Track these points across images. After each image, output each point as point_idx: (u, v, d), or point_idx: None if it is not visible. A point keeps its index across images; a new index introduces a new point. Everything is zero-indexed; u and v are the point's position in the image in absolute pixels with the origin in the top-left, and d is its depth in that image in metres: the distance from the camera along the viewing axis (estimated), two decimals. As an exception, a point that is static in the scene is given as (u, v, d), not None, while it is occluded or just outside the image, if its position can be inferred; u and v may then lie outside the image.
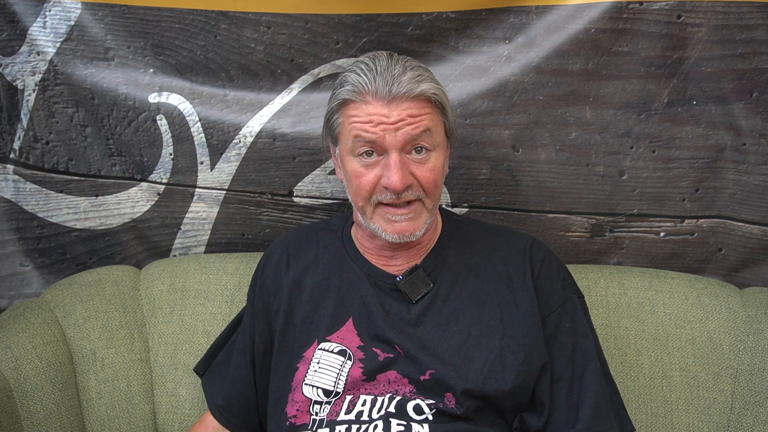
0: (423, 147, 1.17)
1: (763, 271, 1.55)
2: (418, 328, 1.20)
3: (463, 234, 1.31)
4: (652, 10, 1.42)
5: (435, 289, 1.23)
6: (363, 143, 1.16)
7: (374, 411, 1.14)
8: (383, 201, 1.18)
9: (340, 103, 1.19)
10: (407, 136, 1.14)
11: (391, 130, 1.14)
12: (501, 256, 1.26)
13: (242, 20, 1.49)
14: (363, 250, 1.29)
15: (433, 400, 1.14)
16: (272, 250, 1.35)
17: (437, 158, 1.19)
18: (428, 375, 1.15)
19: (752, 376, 1.35)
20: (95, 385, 1.38)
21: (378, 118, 1.14)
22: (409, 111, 1.15)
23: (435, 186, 1.19)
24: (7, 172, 1.58)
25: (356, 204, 1.22)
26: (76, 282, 1.51)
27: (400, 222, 1.18)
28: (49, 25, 1.51)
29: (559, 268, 1.28)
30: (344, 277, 1.27)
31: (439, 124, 1.20)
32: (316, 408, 1.17)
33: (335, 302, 1.24)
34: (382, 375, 1.17)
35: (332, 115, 1.22)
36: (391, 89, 1.14)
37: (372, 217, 1.20)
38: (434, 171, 1.18)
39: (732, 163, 1.50)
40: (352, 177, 1.20)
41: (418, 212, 1.19)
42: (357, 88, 1.16)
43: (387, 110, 1.14)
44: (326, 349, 1.20)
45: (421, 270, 1.24)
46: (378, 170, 1.16)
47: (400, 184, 1.14)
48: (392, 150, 1.15)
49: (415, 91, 1.15)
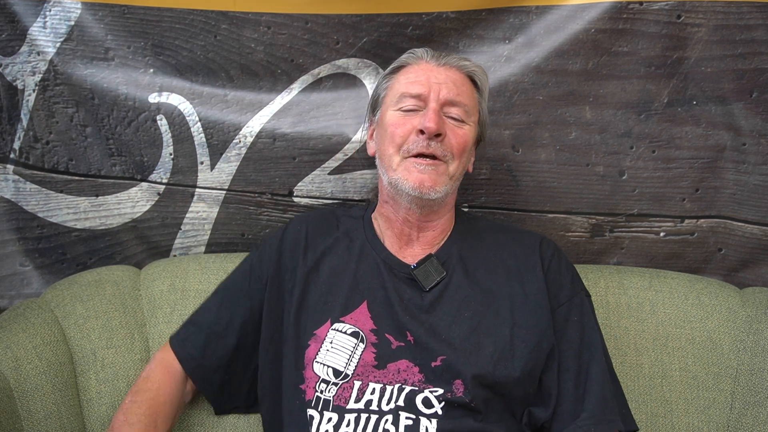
0: (459, 117, 1.27)
1: (763, 271, 1.55)
2: (430, 315, 1.22)
3: (474, 229, 1.35)
4: (652, 10, 1.42)
5: (448, 278, 1.26)
6: (409, 97, 1.27)
7: (383, 402, 1.16)
8: (412, 150, 1.24)
9: (394, 68, 1.34)
10: (449, 95, 1.26)
11: (435, 86, 1.26)
12: (510, 251, 1.30)
13: (242, 20, 1.49)
14: (383, 232, 1.33)
15: (442, 389, 1.15)
16: (291, 228, 1.38)
17: (469, 131, 1.29)
18: (439, 361, 1.17)
19: (752, 376, 1.35)
20: (95, 385, 1.38)
21: (426, 76, 1.28)
22: (453, 78, 1.28)
23: (462, 150, 1.27)
24: (7, 172, 1.58)
25: (386, 154, 1.28)
26: (76, 282, 1.51)
27: (423, 172, 1.23)
28: (49, 25, 1.51)
29: (568, 265, 1.31)
30: (362, 261, 1.30)
31: (476, 107, 1.31)
32: (322, 386, 1.19)
33: (351, 285, 1.27)
34: (393, 364, 1.19)
35: (381, 82, 1.35)
36: (441, 58, 1.31)
37: (397, 169, 1.26)
38: (464, 137, 1.27)
39: (732, 163, 1.50)
40: (388, 125, 1.28)
41: (441, 171, 1.25)
42: (413, 54, 1.33)
43: (437, 70, 1.29)
44: (339, 330, 1.22)
45: (435, 258, 1.28)
46: (416, 120, 1.25)
47: (435, 124, 1.22)
48: (432, 101, 1.25)
49: (461, 63, 1.31)
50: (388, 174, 1.27)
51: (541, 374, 1.20)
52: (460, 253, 1.30)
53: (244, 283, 1.35)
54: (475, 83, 1.32)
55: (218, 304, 1.35)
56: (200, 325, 1.34)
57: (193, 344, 1.32)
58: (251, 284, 1.34)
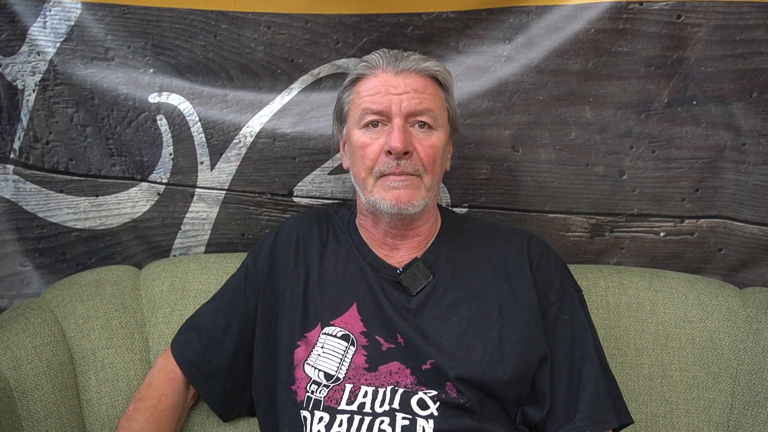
0: (425, 123, 1.24)
1: (763, 271, 1.55)
2: (418, 318, 1.22)
3: (461, 230, 1.34)
4: (652, 10, 1.42)
5: (434, 281, 1.26)
6: (371, 114, 1.23)
7: (377, 404, 1.15)
8: (384, 171, 1.22)
9: (352, 80, 1.29)
10: (411, 107, 1.22)
11: (396, 98, 1.22)
12: (498, 251, 1.29)
13: (242, 20, 1.49)
14: (367, 238, 1.32)
15: (435, 391, 1.15)
16: (282, 231, 1.38)
17: (438, 138, 1.25)
18: (429, 364, 1.17)
19: (752, 376, 1.35)
20: (95, 385, 1.38)
21: (386, 88, 1.23)
22: (414, 85, 1.23)
23: (433, 162, 1.24)
24: (7, 172, 1.58)
25: (359, 177, 1.26)
26: (76, 282, 1.51)
27: (398, 189, 1.22)
28: (49, 25, 1.51)
29: (557, 262, 1.30)
30: (349, 264, 1.30)
31: (443, 107, 1.28)
32: (312, 387, 1.19)
33: (340, 288, 1.27)
34: (384, 366, 1.19)
35: (342, 94, 1.31)
36: (398, 63, 1.24)
37: (372, 190, 1.24)
38: (434, 148, 1.24)
39: (732, 163, 1.50)
40: (357, 148, 1.25)
41: (415, 185, 1.23)
42: (369, 64, 1.27)
43: (395, 80, 1.23)
44: (330, 334, 1.22)
45: (421, 262, 1.27)
46: (382, 139, 1.22)
47: (401, 144, 1.19)
48: (396, 117, 1.22)
49: (421, 66, 1.25)
50: (365, 195, 1.26)
51: (534, 375, 1.19)
52: (447, 255, 1.29)
53: (240, 288, 1.35)
54: (439, 82, 1.27)
55: (216, 310, 1.36)
56: (199, 331, 1.34)
57: (192, 350, 1.33)
58: (247, 289, 1.34)
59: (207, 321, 1.35)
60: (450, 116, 1.30)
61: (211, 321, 1.34)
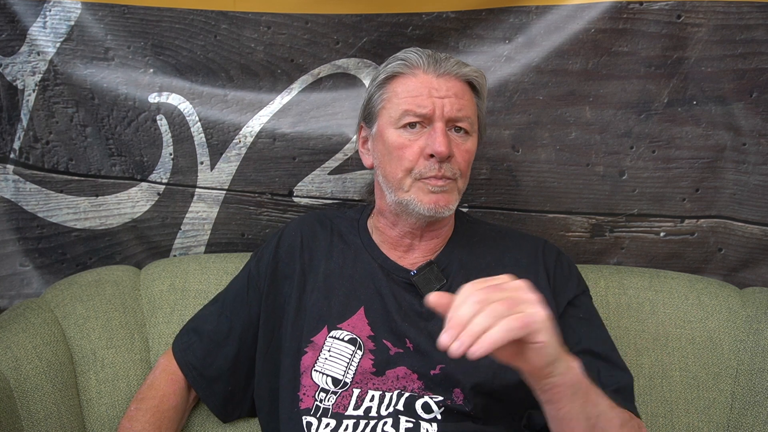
0: (463, 128, 1.23)
1: (763, 271, 1.55)
2: (429, 323, 1.21)
3: (475, 234, 1.33)
4: (652, 10, 1.42)
5: (448, 285, 1.24)
6: (412, 115, 1.20)
7: (383, 407, 1.15)
8: (425, 174, 1.20)
9: (387, 77, 1.25)
10: (452, 112, 1.20)
11: (439, 102, 1.20)
12: (512, 257, 1.28)
13: (242, 20, 1.49)
14: (380, 241, 1.31)
15: (442, 397, 1.15)
16: (286, 234, 1.37)
17: (473, 143, 1.25)
18: (438, 369, 1.16)
19: (752, 376, 1.35)
20: (95, 385, 1.38)
21: (428, 90, 1.20)
22: (455, 89, 1.22)
23: (468, 167, 1.25)
24: (7, 172, 1.58)
25: (395, 177, 1.23)
26: (76, 282, 1.51)
27: (437, 193, 1.21)
28: (49, 25, 1.51)
29: (571, 266, 1.30)
30: (358, 267, 1.28)
31: (477, 113, 1.27)
32: (321, 395, 1.18)
33: (347, 291, 1.26)
34: (392, 371, 1.18)
35: (375, 92, 1.27)
36: (439, 66, 1.22)
37: (409, 190, 1.22)
38: (469, 153, 1.24)
39: (732, 163, 1.50)
40: (394, 148, 1.22)
41: (452, 188, 1.23)
42: (407, 63, 1.23)
43: (437, 83, 1.21)
44: (337, 337, 1.21)
45: (436, 265, 1.26)
46: (422, 141, 1.20)
47: (446, 149, 1.17)
48: (438, 120, 1.20)
49: (462, 71, 1.23)
50: (397, 195, 1.23)
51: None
52: (461, 260, 1.28)
53: (243, 292, 1.35)
54: (475, 88, 1.27)
55: (218, 313, 1.35)
56: (201, 334, 1.34)
57: (194, 353, 1.32)
58: (249, 293, 1.33)
59: (209, 324, 1.34)
60: (480, 123, 1.29)
61: (213, 324, 1.34)
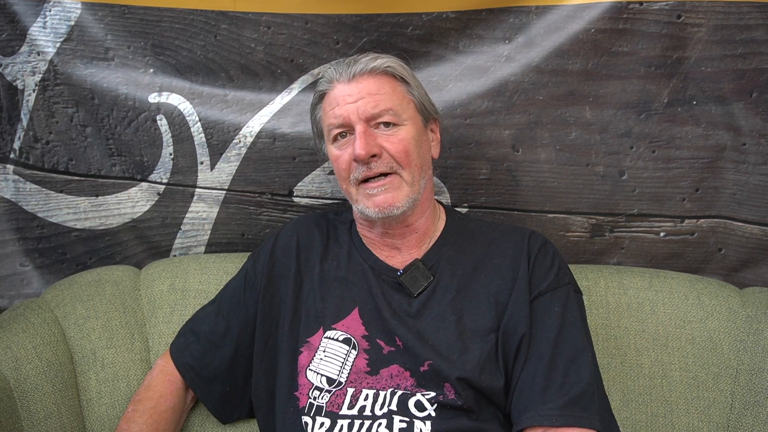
0: (389, 122, 1.24)
1: (763, 271, 1.55)
2: (418, 321, 1.22)
3: (464, 230, 1.34)
4: (652, 10, 1.42)
5: (435, 282, 1.25)
6: (335, 128, 1.25)
7: (377, 407, 1.16)
8: (359, 177, 1.23)
9: (318, 96, 1.30)
10: (367, 111, 1.22)
11: (352, 107, 1.23)
12: (499, 249, 1.28)
13: (242, 20, 1.49)
14: (368, 242, 1.33)
15: (434, 392, 1.15)
16: (282, 236, 1.38)
17: (407, 131, 1.25)
18: (427, 366, 1.17)
19: (752, 376, 1.35)
20: (95, 385, 1.38)
21: (343, 99, 1.24)
22: (368, 89, 1.23)
23: (407, 156, 1.23)
24: (7, 172, 1.58)
25: (344, 189, 1.28)
26: (76, 282, 1.51)
27: (378, 195, 1.23)
28: (49, 25, 1.51)
29: (555, 257, 1.27)
30: (351, 268, 1.30)
31: (405, 100, 1.27)
32: (315, 393, 1.19)
33: (342, 292, 1.27)
34: (385, 370, 1.19)
35: (312, 114, 1.33)
36: (350, 70, 1.25)
37: (357, 199, 1.26)
38: (403, 142, 1.24)
39: (732, 163, 1.50)
40: (333, 162, 1.28)
41: (395, 185, 1.23)
42: (327, 79, 1.28)
43: (349, 89, 1.24)
44: (332, 338, 1.23)
45: (422, 263, 1.27)
46: (350, 148, 1.24)
47: (363, 150, 1.20)
48: (357, 124, 1.22)
49: (370, 66, 1.25)
50: (354, 205, 1.28)
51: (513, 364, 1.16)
52: (448, 256, 1.28)
53: (240, 292, 1.35)
54: (395, 76, 1.26)
55: (215, 314, 1.36)
56: (198, 335, 1.34)
57: (191, 354, 1.33)
58: (246, 294, 1.34)
59: (206, 325, 1.35)
60: (417, 106, 1.28)
61: (210, 325, 1.34)
